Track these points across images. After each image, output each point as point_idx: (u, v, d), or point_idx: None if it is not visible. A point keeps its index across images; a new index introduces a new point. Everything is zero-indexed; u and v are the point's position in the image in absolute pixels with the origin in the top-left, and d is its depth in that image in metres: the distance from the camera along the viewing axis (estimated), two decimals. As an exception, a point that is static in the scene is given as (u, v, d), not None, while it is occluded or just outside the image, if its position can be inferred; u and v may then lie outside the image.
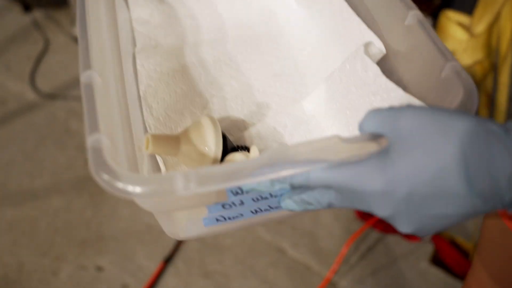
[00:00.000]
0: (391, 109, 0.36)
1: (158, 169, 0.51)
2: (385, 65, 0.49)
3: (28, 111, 1.42)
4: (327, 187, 0.37)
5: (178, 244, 0.99)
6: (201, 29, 0.63)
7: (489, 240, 0.56)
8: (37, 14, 1.69)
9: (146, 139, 0.47)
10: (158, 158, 0.51)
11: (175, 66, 0.59)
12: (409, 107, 0.35)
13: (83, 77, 0.41)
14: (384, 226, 1.03)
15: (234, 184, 0.36)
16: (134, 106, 0.53)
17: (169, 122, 0.55)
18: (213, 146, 0.48)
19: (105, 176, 0.35)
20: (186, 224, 0.45)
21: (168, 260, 0.96)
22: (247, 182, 0.36)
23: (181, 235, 0.46)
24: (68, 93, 1.48)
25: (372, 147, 0.37)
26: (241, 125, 0.56)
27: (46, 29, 1.64)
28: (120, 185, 0.35)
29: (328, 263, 0.99)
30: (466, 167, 0.32)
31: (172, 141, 0.49)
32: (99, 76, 0.42)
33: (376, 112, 0.37)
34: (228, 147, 0.51)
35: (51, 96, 1.46)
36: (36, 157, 1.28)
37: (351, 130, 0.51)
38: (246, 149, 0.52)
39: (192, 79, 0.58)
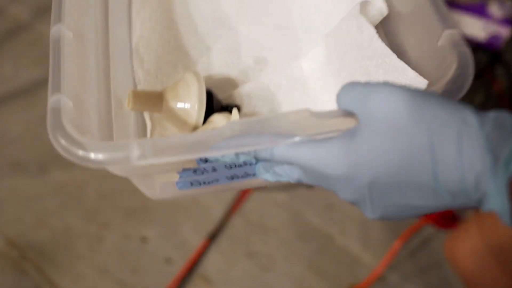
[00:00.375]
0: (366, 85, 0.33)
1: (144, 124, 0.50)
2: (387, 27, 0.45)
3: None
4: (291, 164, 0.35)
5: (223, 221, 0.97)
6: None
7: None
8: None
9: (128, 95, 0.46)
10: (145, 113, 0.50)
11: (171, 15, 0.56)
12: (385, 85, 0.32)
13: (52, 31, 0.39)
14: (443, 223, 0.95)
15: (193, 156, 0.34)
16: (123, 58, 0.51)
17: (160, 75, 0.53)
18: (196, 105, 0.46)
19: (62, 141, 0.34)
20: (161, 186, 0.44)
21: (212, 237, 0.96)
22: (206, 155, 0.35)
23: (158, 196, 0.46)
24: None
25: (342, 125, 0.34)
26: (234, 82, 0.53)
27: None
28: (74, 151, 0.34)
29: (377, 255, 0.93)
30: (434, 160, 0.29)
31: (155, 98, 0.47)
32: (69, 31, 0.40)
33: (351, 87, 0.34)
34: (215, 106, 0.49)
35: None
36: (85, 118, 1.26)
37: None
38: (235, 108, 0.50)
39: (188, 30, 0.56)
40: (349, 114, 0.34)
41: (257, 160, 0.37)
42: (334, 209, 1.00)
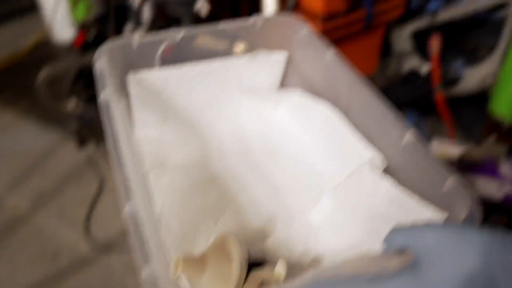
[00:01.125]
0: (414, 228, 0.41)
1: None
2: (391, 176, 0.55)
3: (82, 266, 1.30)
4: None
5: None
6: (207, 146, 0.68)
7: None
8: (92, 149, 1.59)
9: (176, 262, 0.49)
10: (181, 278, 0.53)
11: (186, 181, 0.62)
12: (432, 223, 0.41)
13: (127, 208, 0.44)
14: None
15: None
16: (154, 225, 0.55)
17: (187, 237, 0.57)
18: (238, 266, 0.50)
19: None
20: None
21: None
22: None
23: None
24: (125, 244, 1.37)
25: (401, 261, 0.41)
26: (252, 239, 0.59)
27: (101, 167, 1.53)
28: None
29: None
30: (491, 275, 0.37)
31: (199, 262, 0.51)
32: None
33: (400, 231, 0.42)
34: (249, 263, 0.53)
35: (107, 248, 1.37)
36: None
37: (359, 240, 0.55)
38: (262, 262, 0.55)
39: (204, 194, 0.62)
40: (403, 251, 0.42)
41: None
42: None
